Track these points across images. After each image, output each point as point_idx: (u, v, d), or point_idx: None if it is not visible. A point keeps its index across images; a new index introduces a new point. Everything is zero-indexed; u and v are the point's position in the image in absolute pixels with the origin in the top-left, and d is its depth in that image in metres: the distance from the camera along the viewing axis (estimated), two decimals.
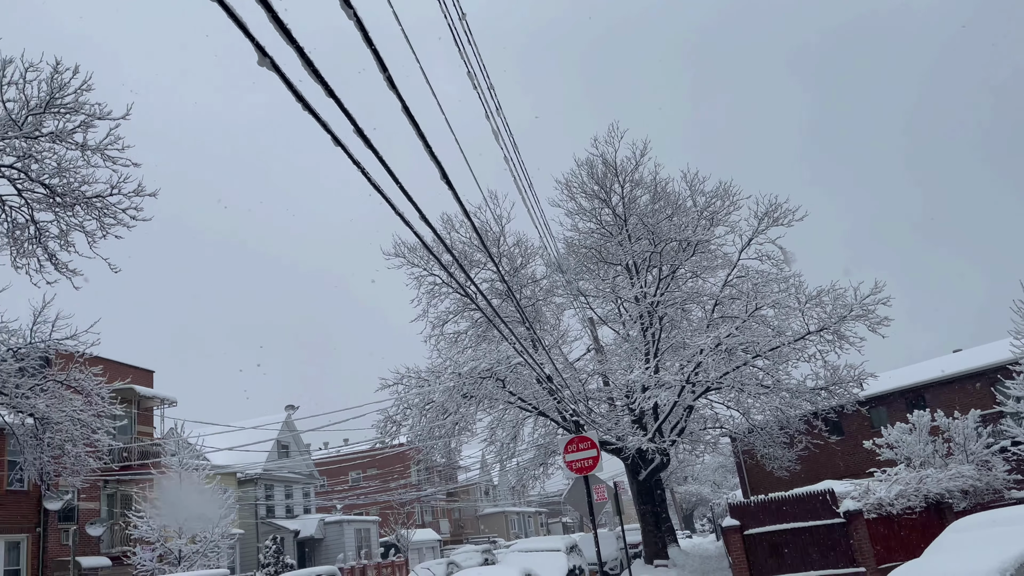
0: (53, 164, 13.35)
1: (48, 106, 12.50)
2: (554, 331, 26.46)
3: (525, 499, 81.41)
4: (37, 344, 15.70)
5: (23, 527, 23.75)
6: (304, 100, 4.88)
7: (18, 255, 14.33)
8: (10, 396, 15.13)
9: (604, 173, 25.59)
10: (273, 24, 4.30)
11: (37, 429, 16.17)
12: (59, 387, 16.35)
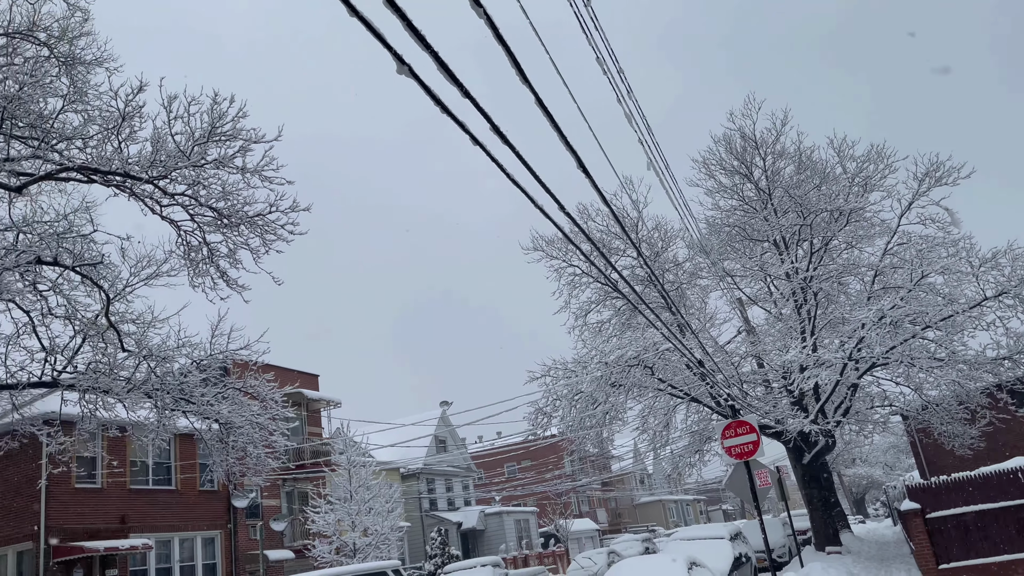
0: (218, 188, 14.44)
1: (210, 135, 13.54)
2: (701, 314, 25.81)
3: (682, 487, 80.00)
4: (216, 356, 17.03)
5: (216, 524, 25.94)
6: (442, 103, 5.02)
7: (194, 275, 15.62)
8: (197, 404, 16.52)
9: (743, 147, 24.66)
10: (408, 32, 4.44)
11: (222, 434, 17.57)
12: (238, 394, 17.69)
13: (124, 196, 14.66)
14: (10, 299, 14.74)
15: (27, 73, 14.53)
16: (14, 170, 14.00)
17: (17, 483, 20.65)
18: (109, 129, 14.06)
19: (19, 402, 15.94)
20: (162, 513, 24.22)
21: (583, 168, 7.11)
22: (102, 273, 14.90)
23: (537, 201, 6.93)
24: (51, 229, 15.07)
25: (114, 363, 15.49)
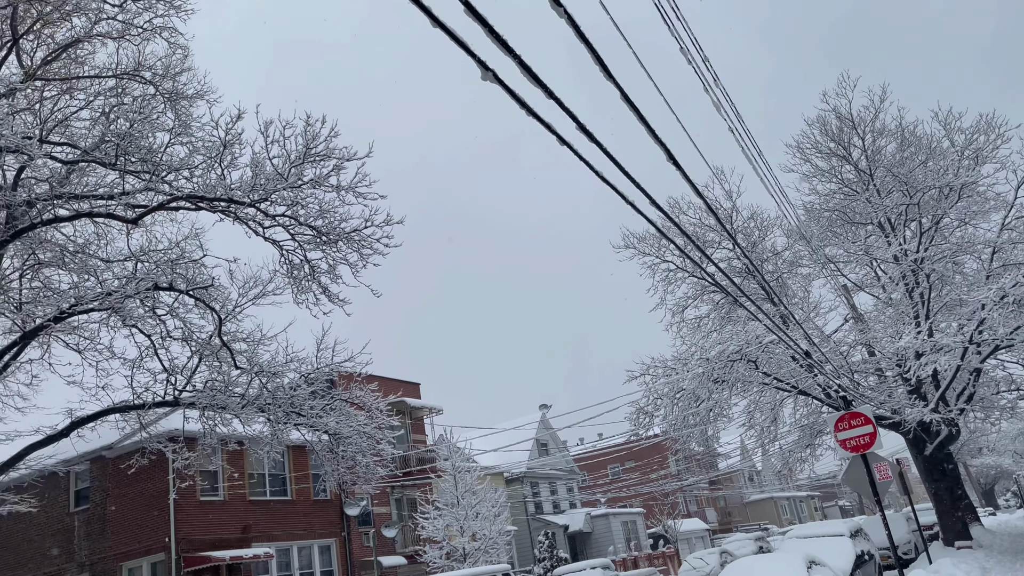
0: (316, 207, 14.95)
1: (305, 157, 14.04)
2: (804, 304, 24.91)
3: (793, 483, 77.32)
4: (322, 369, 17.62)
5: (330, 532, 26.81)
6: (527, 105, 5.02)
7: (298, 292, 16.21)
8: (307, 417, 17.12)
9: (839, 128, 23.68)
10: (491, 38, 4.46)
11: (332, 444, 18.14)
12: (344, 405, 18.23)
13: (229, 220, 15.37)
14: (133, 324, 15.68)
15: (136, 111, 15.45)
16: (130, 203, 14.88)
17: (149, 498, 21.94)
18: (212, 158, 14.78)
19: (146, 421, 16.90)
20: (280, 523, 25.21)
21: (673, 160, 6.97)
22: (213, 295, 15.66)
23: (628, 197, 6.85)
24: (165, 257, 15.95)
25: (229, 380, 16.25)
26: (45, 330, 15.22)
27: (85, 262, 16.94)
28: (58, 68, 16.14)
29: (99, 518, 22.78)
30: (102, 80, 16.35)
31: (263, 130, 13.82)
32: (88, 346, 16.35)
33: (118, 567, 22.23)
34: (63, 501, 23.63)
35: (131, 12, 15.05)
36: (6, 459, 15.56)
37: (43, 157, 14.21)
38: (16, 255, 16.97)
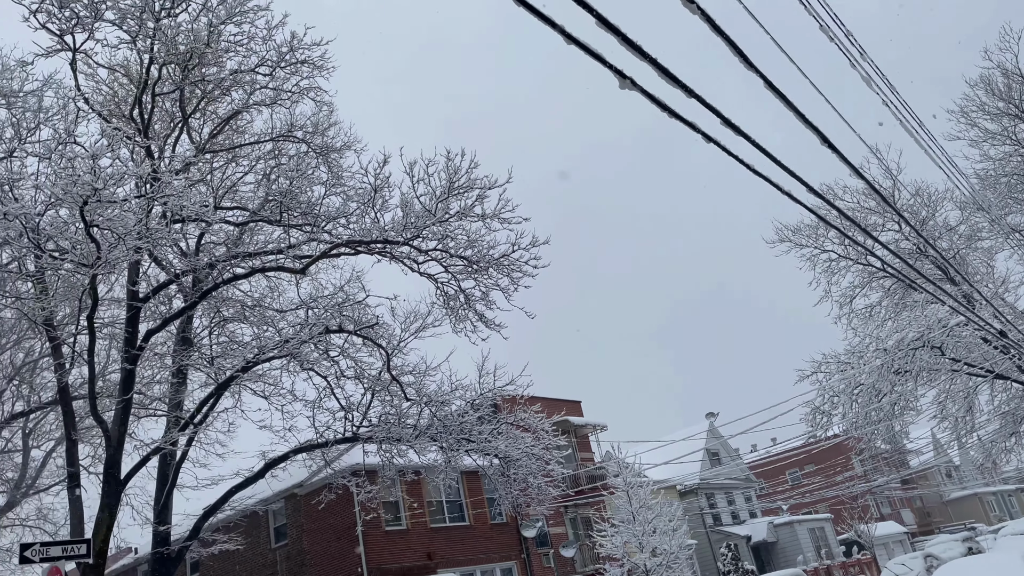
0: (464, 238, 15.38)
1: (450, 191, 14.50)
2: (989, 280, 22.78)
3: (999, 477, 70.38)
4: (486, 394, 17.99)
5: (510, 555, 27.18)
6: (668, 108, 4.91)
7: (455, 321, 16.70)
8: (477, 442, 17.50)
9: (1007, 86, 21.64)
10: (625, 47, 4.42)
11: (503, 467, 18.42)
12: (511, 428, 18.50)
13: (386, 260, 16.10)
14: (310, 367, 16.70)
15: (293, 169, 16.58)
16: (296, 255, 15.94)
17: (339, 530, 23.19)
18: (365, 203, 15.57)
19: (329, 458, 17.89)
20: (461, 548, 25.86)
21: (828, 144, 6.60)
22: (379, 333, 16.41)
23: (783, 187, 6.54)
24: (332, 301, 16.90)
25: (401, 413, 16.92)
26: (235, 380, 16.49)
27: (263, 314, 18.27)
28: (222, 140, 17.60)
29: (298, 552, 24.30)
30: (261, 145, 17.67)
31: (408, 170, 14.41)
32: (273, 391, 17.56)
33: None
34: (265, 538, 25.41)
35: (280, 79, 16.18)
36: (214, 502, 16.92)
37: (219, 222, 15.51)
38: (204, 314, 18.57)
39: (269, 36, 15.00)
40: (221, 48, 14.66)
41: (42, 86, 16.61)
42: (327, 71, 16.43)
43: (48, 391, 21.48)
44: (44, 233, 12.03)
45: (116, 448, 14.32)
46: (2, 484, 26.06)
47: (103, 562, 13.49)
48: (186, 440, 17.05)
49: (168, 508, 17.40)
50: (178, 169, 14.49)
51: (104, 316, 17.57)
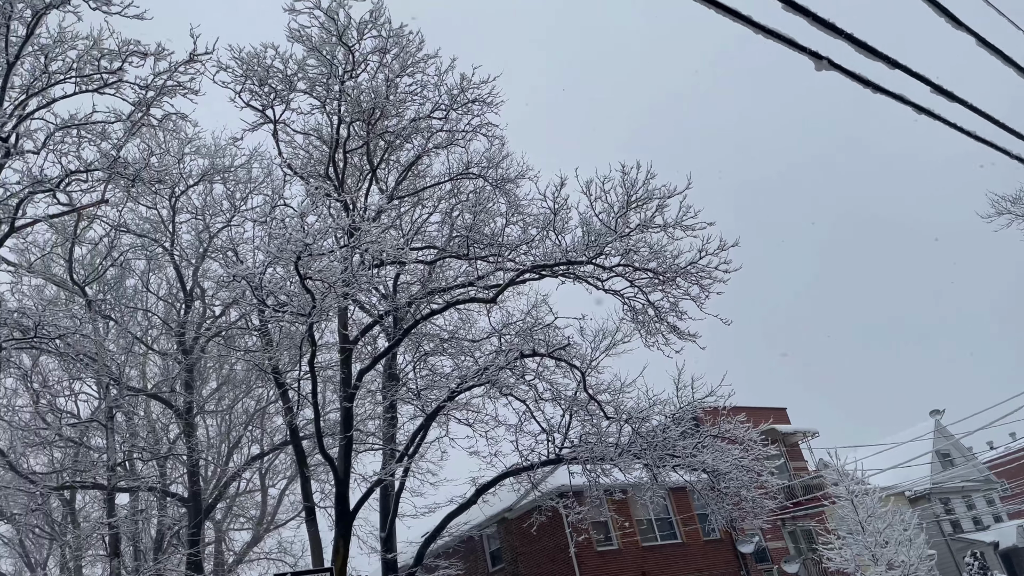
0: (647, 250, 15.19)
1: (628, 204, 14.40)
2: None
3: None
4: (685, 407, 17.54)
5: (728, 572, 26.14)
6: (871, 83, 4.58)
7: (646, 335, 16.48)
8: (681, 457, 17.08)
9: None
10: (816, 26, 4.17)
11: (712, 482, 17.83)
12: (715, 440, 17.89)
13: (570, 281, 16.25)
14: (508, 393, 17.12)
15: (473, 204, 17.21)
16: (485, 285, 16.47)
17: (552, 553, 23.44)
18: (545, 227, 15.82)
19: (536, 480, 18.16)
20: (676, 566, 25.24)
21: None
22: (571, 354, 16.53)
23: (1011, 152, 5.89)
24: (522, 327, 17.28)
25: (601, 432, 16.89)
26: (441, 410, 17.23)
27: (459, 345, 19.01)
28: (407, 185, 18.64)
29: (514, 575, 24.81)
30: (441, 185, 18.53)
31: (585, 190, 14.51)
32: (476, 418, 18.17)
33: None
34: (482, 563, 26.19)
35: (453, 120, 16.92)
36: (432, 529, 17.69)
37: (412, 262, 16.37)
38: (407, 350, 19.62)
39: (440, 81, 15.76)
40: (399, 99, 15.57)
41: (249, 159, 18.51)
42: (496, 106, 16.97)
43: (279, 433, 23.57)
44: (265, 289, 13.26)
45: (343, 482, 15.38)
46: (247, 521, 28.79)
47: None
48: (402, 471, 17.99)
49: (392, 537, 18.40)
50: (372, 217, 15.50)
51: (320, 360, 19.01)
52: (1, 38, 11.10)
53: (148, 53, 12.17)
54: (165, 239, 19.07)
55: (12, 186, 12.17)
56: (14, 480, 18.47)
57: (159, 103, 13.18)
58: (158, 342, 22.05)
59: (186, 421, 19.83)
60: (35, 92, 12.05)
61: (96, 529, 21.96)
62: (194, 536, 19.22)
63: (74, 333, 13.66)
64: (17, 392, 19.27)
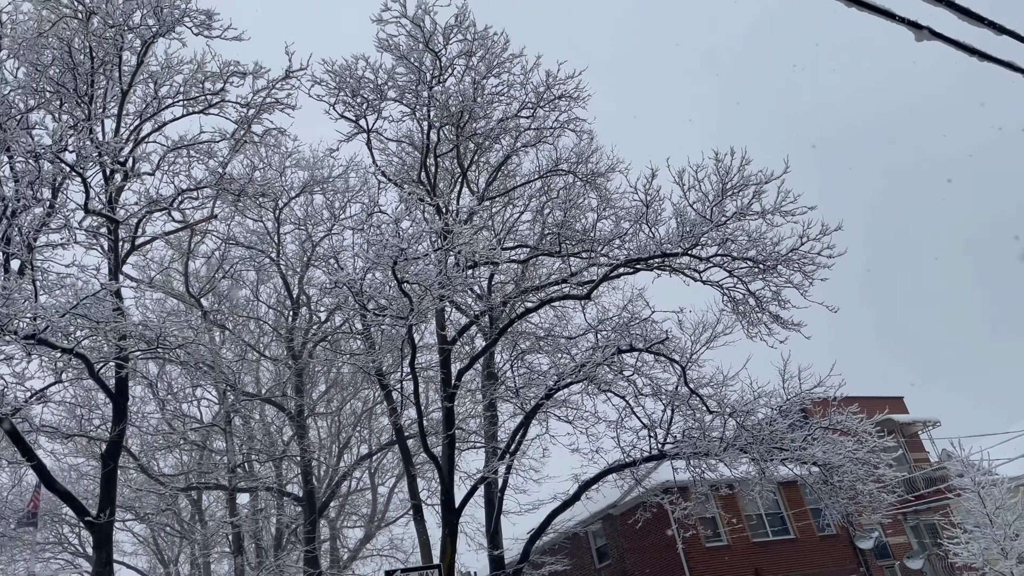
0: (745, 239, 14.76)
1: (723, 193, 14.04)
2: None
3: None
4: (792, 399, 16.96)
5: (845, 568, 25.12)
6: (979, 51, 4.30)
7: (748, 326, 16.03)
8: (790, 451, 16.52)
9: None
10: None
11: (824, 475, 17.17)
12: (826, 432, 17.21)
13: (666, 274, 15.99)
14: (607, 389, 17.00)
15: (564, 201, 17.19)
16: (578, 282, 16.42)
17: (659, 549, 23.14)
18: (637, 221, 15.63)
19: (639, 476, 17.97)
20: (789, 562, 24.44)
21: None
22: (670, 348, 16.26)
23: None
24: (619, 322, 17.12)
25: (704, 426, 16.54)
26: (540, 408, 17.29)
27: (555, 343, 19.02)
28: (497, 186, 18.79)
29: (621, 572, 24.63)
30: (531, 184, 18.60)
31: (677, 180, 14.23)
32: (576, 415, 18.13)
33: None
34: (588, 559, 26.14)
35: (540, 118, 16.94)
36: (538, 526, 17.78)
37: (505, 262, 16.50)
38: (503, 349, 19.80)
39: (526, 80, 15.81)
40: (486, 101, 15.72)
41: (346, 169, 19.11)
42: (583, 100, 16.89)
43: (385, 433, 24.24)
44: (366, 294, 13.66)
45: (448, 480, 15.67)
46: (359, 519, 29.75)
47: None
48: (505, 468, 18.16)
49: (498, 533, 18.61)
50: (464, 219, 15.72)
51: (421, 362, 19.42)
52: (115, 68, 11.86)
53: (247, 72, 12.75)
54: (271, 250, 19.93)
55: (131, 207, 13.00)
56: (146, 482, 19.74)
57: (259, 120, 13.80)
58: (269, 348, 23.07)
59: (298, 423, 20.66)
60: (148, 117, 12.83)
61: (220, 527, 23.22)
62: (310, 534, 20.01)
63: (193, 343, 14.47)
64: (145, 399, 20.56)
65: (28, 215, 11.19)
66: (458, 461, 19.63)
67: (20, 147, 10.84)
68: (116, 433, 12.36)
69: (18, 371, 11.17)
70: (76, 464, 21.93)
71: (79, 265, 11.00)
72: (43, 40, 11.16)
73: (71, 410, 18.84)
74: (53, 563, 26.80)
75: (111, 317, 10.84)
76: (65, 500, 12.15)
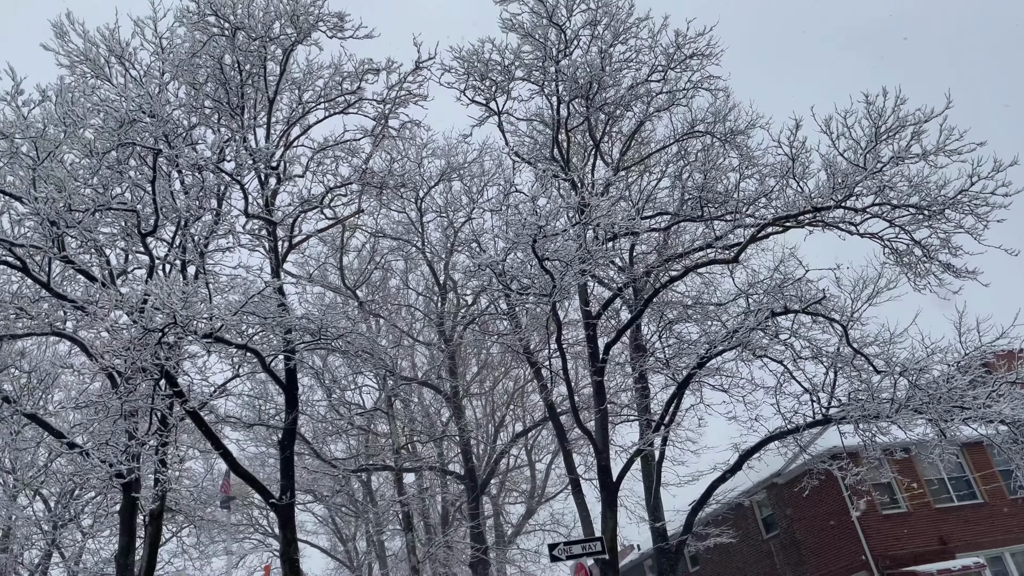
0: (904, 185, 13.71)
1: (876, 137, 13.06)
2: None
3: None
4: (971, 353, 15.64)
5: None
6: None
7: (915, 278, 14.92)
8: (973, 409, 15.26)
9: None
10: None
11: (1014, 434, 15.78)
12: (1012, 388, 15.77)
13: (818, 230, 15.14)
14: (762, 354, 16.38)
15: (703, 163, 16.64)
16: (724, 245, 15.87)
17: (829, 517, 22.12)
18: (783, 176, 14.87)
19: (803, 443, 17.24)
20: (978, 529, 22.70)
21: None
22: (828, 307, 15.40)
23: None
24: (771, 284, 16.43)
25: (872, 387, 15.58)
26: (693, 378, 16.92)
27: (704, 310, 18.53)
28: (631, 155, 18.46)
29: (791, 543, 23.78)
30: (667, 149, 18.13)
31: (824, 128, 13.40)
32: (731, 383, 17.62)
33: None
34: (755, 530, 25.40)
35: (672, 80, 16.43)
36: (698, 497, 17.47)
37: (645, 232, 16.21)
38: (650, 320, 19.51)
39: (655, 43, 15.38)
40: (615, 69, 15.44)
41: (480, 153, 19.42)
42: (715, 57, 16.23)
43: (538, 411, 24.61)
44: (508, 275, 13.84)
45: (603, 454, 15.69)
46: (520, 495, 30.44)
47: (616, 558, 14.81)
48: (660, 440, 17.94)
49: (658, 506, 18.46)
50: (600, 192, 15.55)
51: (567, 338, 19.48)
52: (261, 79, 12.61)
53: (380, 69, 13.19)
54: (416, 239, 20.63)
55: (286, 208, 13.83)
56: (320, 466, 21.09)
57: (395, 114, 14.26)
58: (422, 334, 23.96)
59: (454, 404, 21.36)
60: (294, 122, 13.57)
61: (391, 506, 24.47)
62: (474, 510, 20.69)
63: (351, 332, 15.23)
64: (312, 388, 21.94)
65: (198, 224, 12.15)
66: (612, 435, 19.57)
67: (186, 161, 11.77)
68: (290, 421, 13.25)
69: (201, 368, 12.22)
70: (258, 453, 23.82)
71: (245, 266, 11.86)
72: (197, 60, 12.03)
73: (249, 402, 20.43)
74: (247, 543, 29.34)
75: (277, 313, 11.60)
76: (251, 484, 13.18)
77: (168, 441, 11.83)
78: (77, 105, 10.76)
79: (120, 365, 10.63)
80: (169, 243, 12.64)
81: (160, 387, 11.36)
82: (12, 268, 10.91)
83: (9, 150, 10.09)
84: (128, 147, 11.38)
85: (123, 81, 11.84)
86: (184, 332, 10.33)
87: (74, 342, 11.94)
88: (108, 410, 11.29)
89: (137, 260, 13.12)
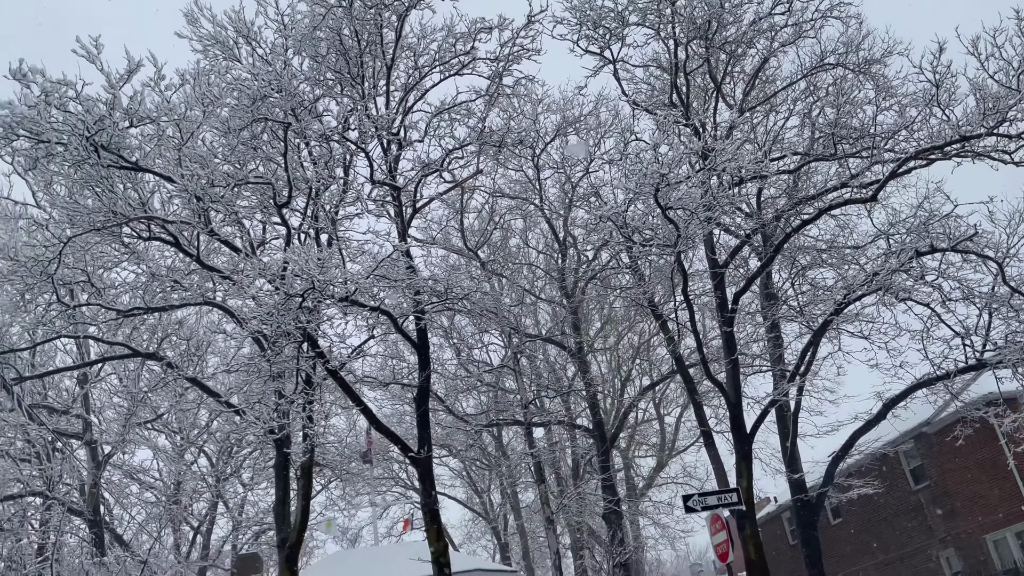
0: None
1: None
2: None
3: None
4: None
5: None
6: None
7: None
8: None
9: None
10: None
11: None
12: None
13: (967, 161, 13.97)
14: (906, 297, 15.44)
15: (836, 96, 15.67)
16: (861, 184, 14.94)
17: (985, 467, 20.78)
18: (926, 105, 13.78)
19: (955, 390, 16.22)
20: None
21: None
22: (980, 244, 14.30)
23: None
24: (914, 222, 15.41)
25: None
26: (830, 325, 16.21)
27: (840, 254, 17.64)
28: (756, 95, 17.61)
29: (943, 493, 22.56)
30: (794, 86, 17.18)
31: (971, 50, 12.32)
32: (872, 329, 16.77)
33: (980, 540, 21.50)
34: (902, 481, 24.22)
35: (797, 11, 15.47)
36: (839, 448, 16.86)
37: (774, 174, 15.49)
38: (781, 267, 18.77)
39: None
40: (734, 4, 14.70)
41: (596, 104, 19.07)
42: None
43: (665, 364, 24.34)
44: (630, 226, 13.63)
45: (735, 406, 15.35)
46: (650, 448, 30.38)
47: (752, 509, 14.56)
48: (796, 391, 17.35)
49: (796, 457, 17.97)
50: (724, 135, 14.97)
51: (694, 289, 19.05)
52: (378, 46, 12.83)
53: (492, 27, 13.09)
54: (535, 196, 20.63)
55: (408, 173, 14.11)
56: (453, 422, 21.76)
57: (509, 71, 14.16)
58: (544, 291, 24.09)
59: (579, 359, 21.42)
60: (411, 87, 13.74)
61: (522, 460, 25.01)
62: (604, 463, 20.82)
63: (476, 292, 15.49)
64: (442, 347, 22.58)
65: (327, 193, 12.62)
66: (744, 386, 19.13)
67: (313, 133, 12.20)
68: (423, 379, 13.68)
69: (339, 331, 12.80)
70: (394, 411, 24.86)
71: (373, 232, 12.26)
72: (318, 33, 12.36)
73: (384, 362, 21.29)
74: (389, 495, 30.88)
75: (405, 275, 11.94)
76: (391, 439, 13.77)
77: (313, 399, 12.51)
78: (213, 86, 11.34)
79: (266, 330, 11.28)
80: (302, 213, 13.21)
81: (303, 349, 12.00)
82: (166, 244, 11.74)
83: (156, 134, 10.77)
84: (260, 123, 11.91)
85: (251, 60, 12.34)
86: (322, 296, 10.84)
87: (224, 310, 12.77)
88: (258, 372, 12.05)
89: (274, 230, 13.82)
